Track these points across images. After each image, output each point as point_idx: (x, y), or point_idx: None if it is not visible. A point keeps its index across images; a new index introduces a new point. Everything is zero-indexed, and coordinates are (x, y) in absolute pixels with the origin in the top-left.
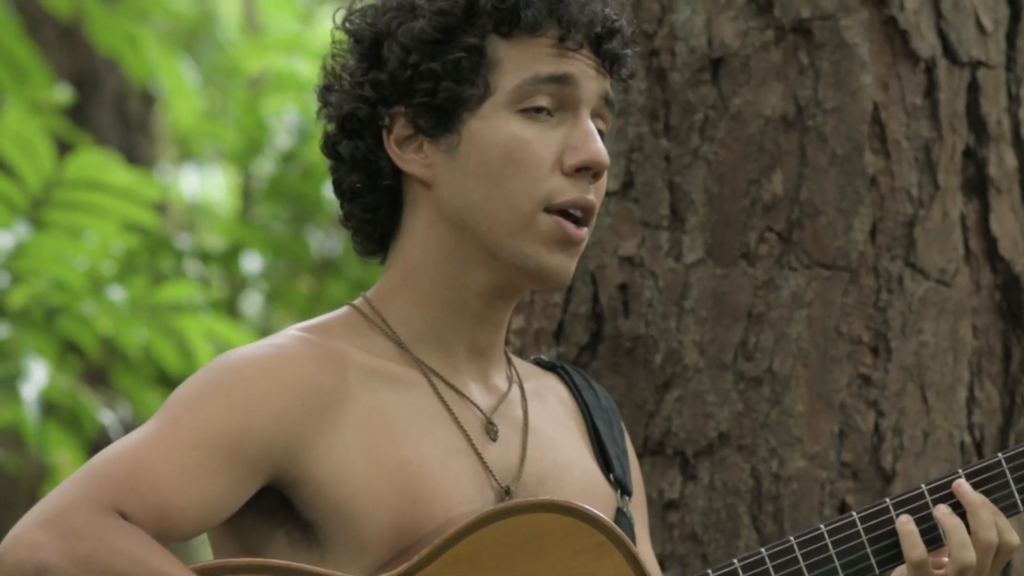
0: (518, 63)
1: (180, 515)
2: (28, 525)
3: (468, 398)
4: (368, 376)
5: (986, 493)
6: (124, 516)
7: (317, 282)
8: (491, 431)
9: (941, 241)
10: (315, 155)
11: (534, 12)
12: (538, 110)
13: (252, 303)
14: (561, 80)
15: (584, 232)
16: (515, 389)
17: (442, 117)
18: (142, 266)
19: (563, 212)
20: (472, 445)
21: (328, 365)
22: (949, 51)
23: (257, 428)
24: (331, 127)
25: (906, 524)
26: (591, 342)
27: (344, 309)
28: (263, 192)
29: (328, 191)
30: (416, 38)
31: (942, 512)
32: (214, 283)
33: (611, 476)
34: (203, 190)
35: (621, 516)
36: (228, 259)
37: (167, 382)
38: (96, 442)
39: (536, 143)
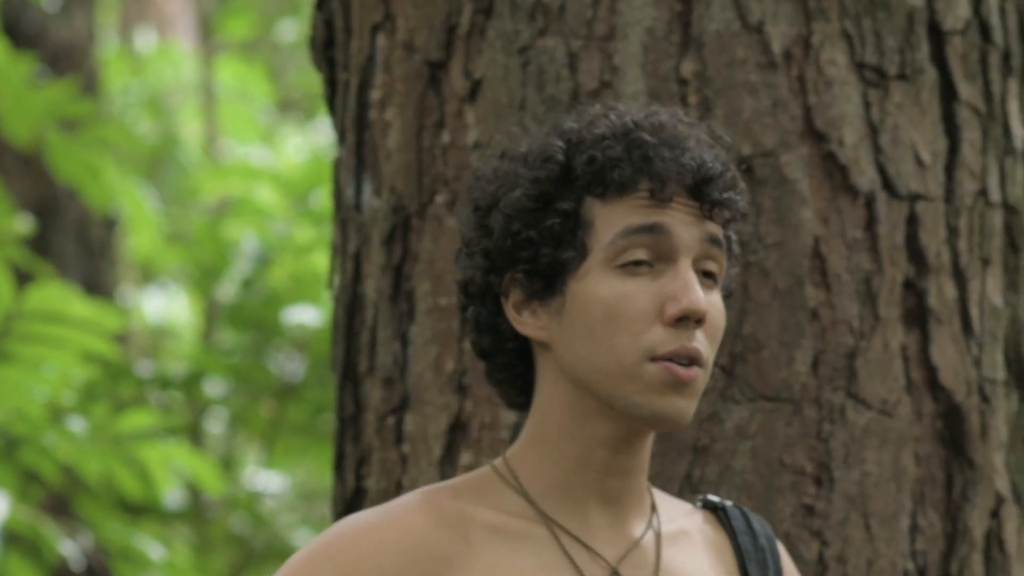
0: (612, 221)
1: None
2: None
3: (594, 550)
4: (491, 534)
5: None
6: None
7: (278, 406)
8: None
9: (882, 372)
10: (275, 280)
11: (621, 171)
12: (636, 263)
13: (215, 428)
14: (652, 230)
15: (695, 371)
16: (650, 535)
17: (547, 281)
18: (103, 395)
19: (669, 359)
20: None
21: (444, 524)
22: (888, 185)
23: None
24: (458, 289)
25: None
26: None
27: (483, 468)
28: (224, 318)
29: (288, 315)
30: (515, 207)
31: None
32: (176, 409)
33: None
34: (167, 312)
35: None
36: (190, 385)
37: (129, 509)
38: (58, 571)
39: (634, 297)
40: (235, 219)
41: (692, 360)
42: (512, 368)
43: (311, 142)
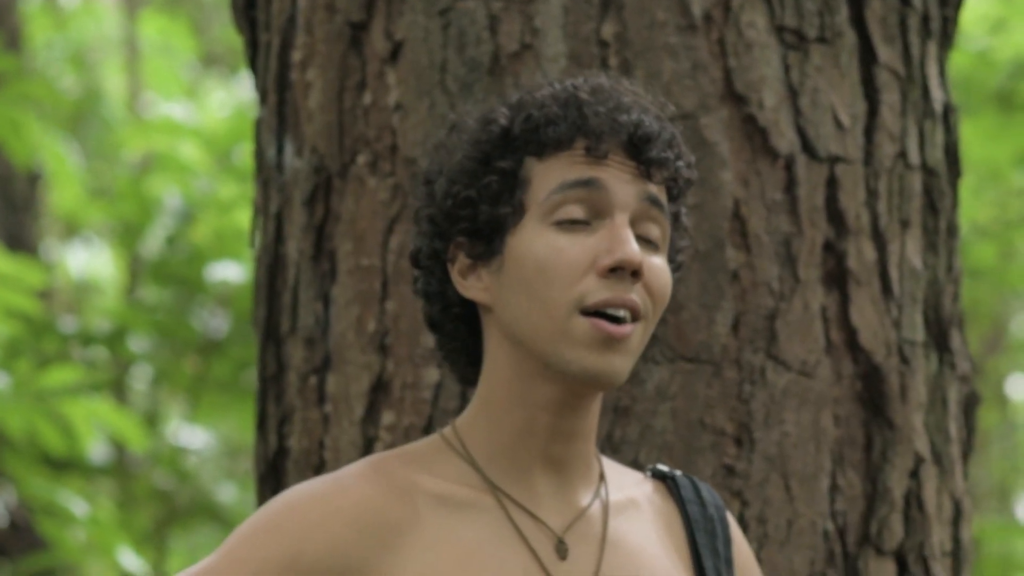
0: (549, 178)
1: None
2: None
3: (540, 519)
4: (437, 503)
5: None
6: None
7: (202, 362)
8: (561, 550)
9: (802, 333)
10: (199, 237)
11: (556, 129)
12: (572, 222)
13: (139, 384)
14: (587, 184)
15: (627, 328)
16: (597, 504)
17: (487, 241)
18: (26, 350)
19: (599, 313)
20: (540, 564)
21: (392, 493)
22: (808, 147)
23: (309, 554)
24: (411, 263)
25: None
26: None
27: (432, 436)
28: (147, 274)
29: (211, 272)
30: (456, 170)
31: None
32: (100, 365)
33: None
34: (90, 267)
35: None
36: (114, 341)
37: (53, 465)
38: None
39: (568, 251)
40: (158, 175)
41: (630, 311)
42: (461, 339)
43: (235, 97)
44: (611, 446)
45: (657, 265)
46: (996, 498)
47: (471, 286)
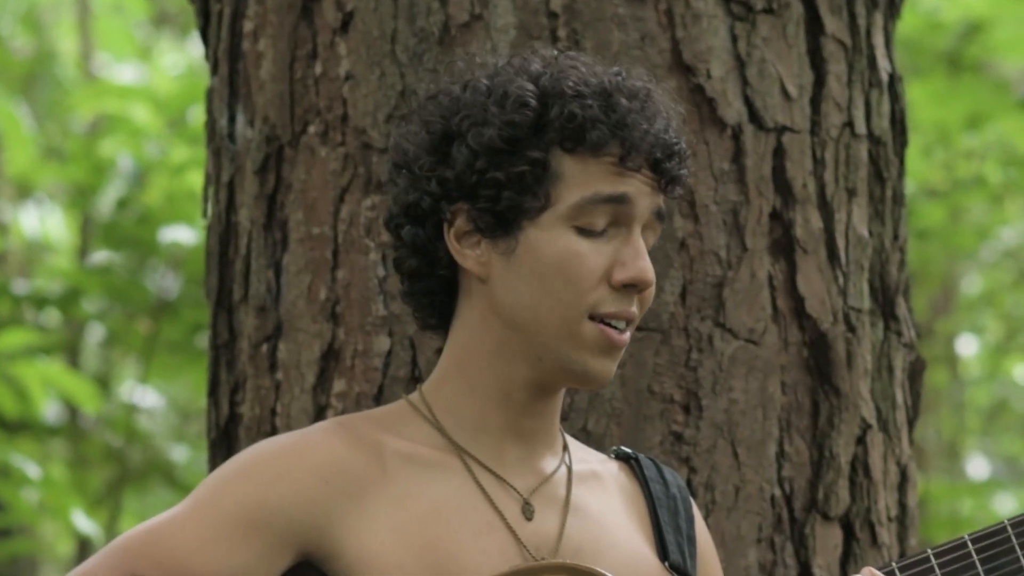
0: (580, 180)
1: None
2: None
3: (506, 481)
4: (403, 460)
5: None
6: None
7: (154, 324)
8: (527, 511)
9: (749, 301)
10: (151, 199)
11: (599, 133)
12: (593, 230)
13: (92, 345)
14: (619, 200)
15: (626, 337)
16: (562, 470)
17: (502, 222)
18: None
19: (605, 321)
20: (506, 523)
21: (357, 448)
22: (755, 117)
23: (275, 503)
24: (395, 208)
25: None
26: None
27: (398, 401)
28: (100, 236)
29: (165, 234)
30: (485, 145)
31: None
32: (53, 327)
33: (666, 563)
34: (43, 227)
35: None
36: (67, 302)
37: (5, 427)
38: None
39: (588, 257)
40: (110, 138)
41: (629, 322)
42: (435, 295)
43: (187, 57)
44: (560, 414)
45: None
46: (945, 457)
47: (468, 254)
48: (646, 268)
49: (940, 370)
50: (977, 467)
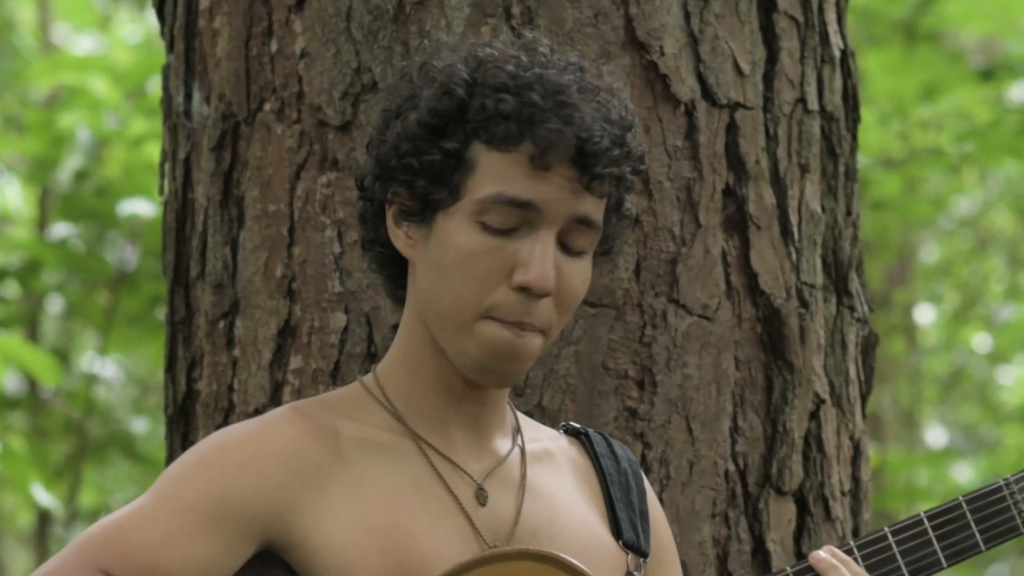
0: (493, 175)
1: (166, 574)
2: None
3: (459, 466)
4: (359, 446)
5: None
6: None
7: (113, 296)
8: (481, 496)
9: (703, 277)
10: (110, 171)
11: (507, 128)
12: (498, 229)
13: (51, 318)
14: (525, 206)
15: (529, 339)
16: (516, 452)
17: (421, 208)
18: None
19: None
20: (462, 508)
21: (315, 436)
22: (708, 94)
23: (238, 493)
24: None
25: None
26: None
27: (352, 384)
28: (58, 208)
29: (124, 206)
30: (408, 130)
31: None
32: (11, 299)
33: (620, 541)
34: (1, 199)
35: None
36: (26, 275)
37: None
38: None
39: (487, 256)
40: (69, 110)
41: (528, 329)
42: (389, 267)
43: (146, 27)
44: (515, 390)
45: (574, 271)
46: (903, 426)
47: (399, 236)
48: (545, 274)
49: (897, 339)
50: (935, 436)
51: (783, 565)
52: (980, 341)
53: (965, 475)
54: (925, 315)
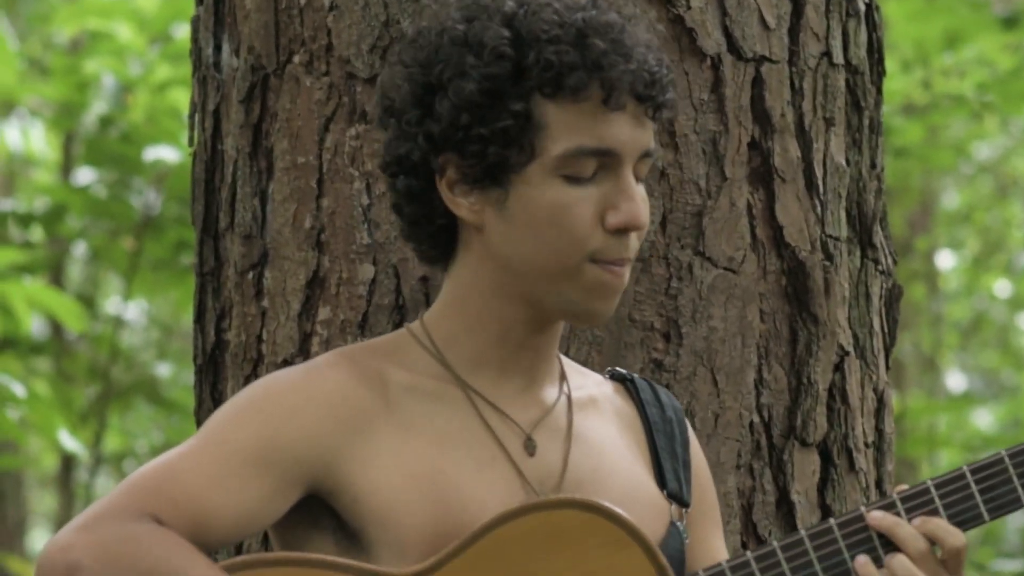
0: (564, 128)
1: (214, 520)
2: (66, 530)
3: (507, 415)
4: (406, 392)
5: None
6: (158, 521)
7: (138, 241)
8: (529, 446)
9: (729, 230)
10: (135, 117)
11: (577, 77)
12: (581, 177)
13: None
14: (604, 154)
15: (626, 277)
16: (562, 400)
17: (490, 174)
18: None
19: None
20: (509, 457)
21: (363, 382)
22: (734, 48)
23: (286, 439)
24: (388, 157)
25: (864, 566)
26: None
27: (399, 330)
28: (83, 154)
29: (148, 152)
30: (466, 100)
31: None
32: (36, 245)
33: (664, 491)
34: (26, 143)
35: (673, 529)
36: (51, 220)
37: None
38: None
39: (578, 205)
40: (93, 56)
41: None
42: (435, 237)
43: None
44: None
45: (644, 199)
46: (924, 371)
47: (461, 203)
48: (638, 211)
49: (919, 285)
50: (955, 381)
51: (806, 516)
52: (1001, 287)
53: (984, 420)
54: (946, 261)
